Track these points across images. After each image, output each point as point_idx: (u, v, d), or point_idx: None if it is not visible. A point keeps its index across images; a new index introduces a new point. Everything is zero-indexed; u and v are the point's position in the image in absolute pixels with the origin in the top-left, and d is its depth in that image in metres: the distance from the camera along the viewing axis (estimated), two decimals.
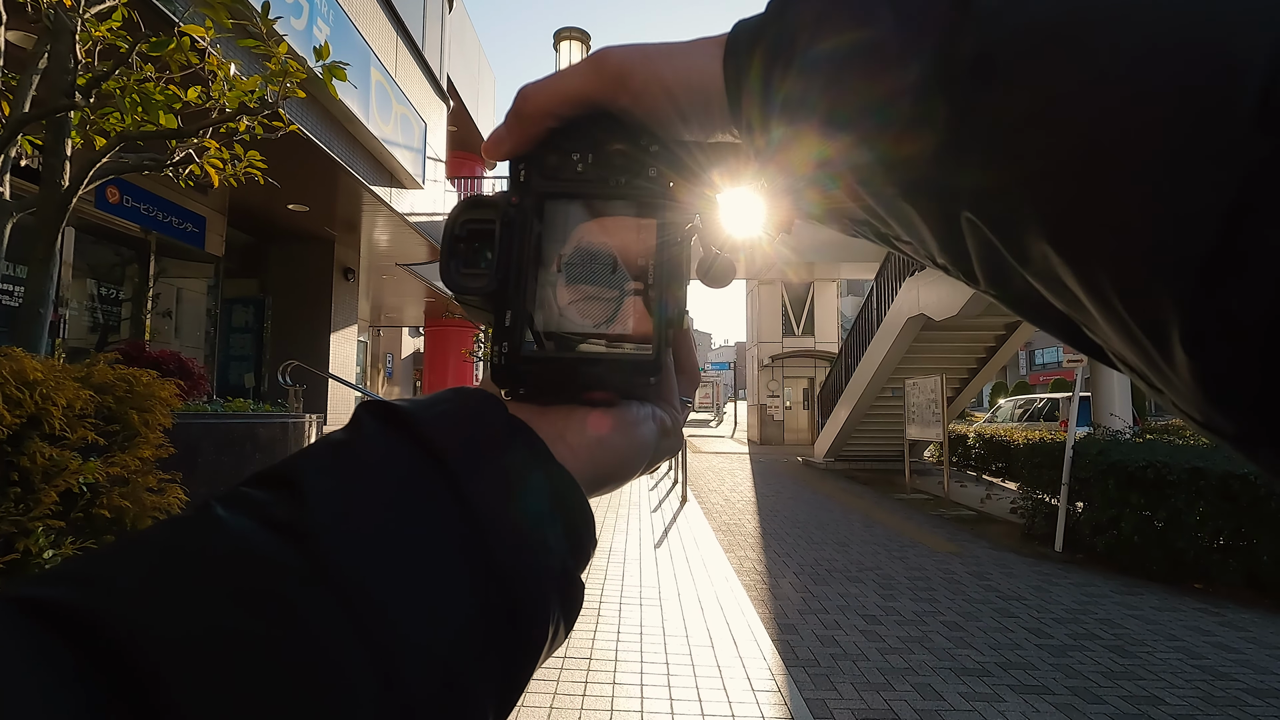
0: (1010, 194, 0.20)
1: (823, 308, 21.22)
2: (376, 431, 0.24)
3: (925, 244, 0.25)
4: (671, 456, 0.33)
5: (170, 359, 3.70)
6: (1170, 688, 3.42)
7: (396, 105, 7.77)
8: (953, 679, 3.48)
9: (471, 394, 0.27)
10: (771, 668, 3.42)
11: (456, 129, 14.33)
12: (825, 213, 0.28)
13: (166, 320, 7.96)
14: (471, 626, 0.21)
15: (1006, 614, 4.58)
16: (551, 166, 0.29)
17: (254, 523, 0.20)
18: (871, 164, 0.23)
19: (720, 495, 10.11)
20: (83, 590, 0.18)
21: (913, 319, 10.73)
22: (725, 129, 0.29)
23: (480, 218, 0.29)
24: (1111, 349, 0.21)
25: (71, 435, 1.43)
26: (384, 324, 20.50)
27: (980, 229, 0.22)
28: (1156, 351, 0.18)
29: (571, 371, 0.28)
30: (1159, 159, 0.16)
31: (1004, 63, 0.19)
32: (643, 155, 0.29)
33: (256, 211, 8.62)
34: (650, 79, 0.28)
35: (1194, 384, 0.18)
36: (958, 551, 6.51)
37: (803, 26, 0.25)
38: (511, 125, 0.29)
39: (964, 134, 0.20)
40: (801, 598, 4.86)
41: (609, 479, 0.29)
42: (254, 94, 2.50)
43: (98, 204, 6.41)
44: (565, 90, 0.29)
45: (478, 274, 0.29)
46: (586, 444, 0.28)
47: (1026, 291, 0.22)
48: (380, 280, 12.93)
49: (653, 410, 0.31)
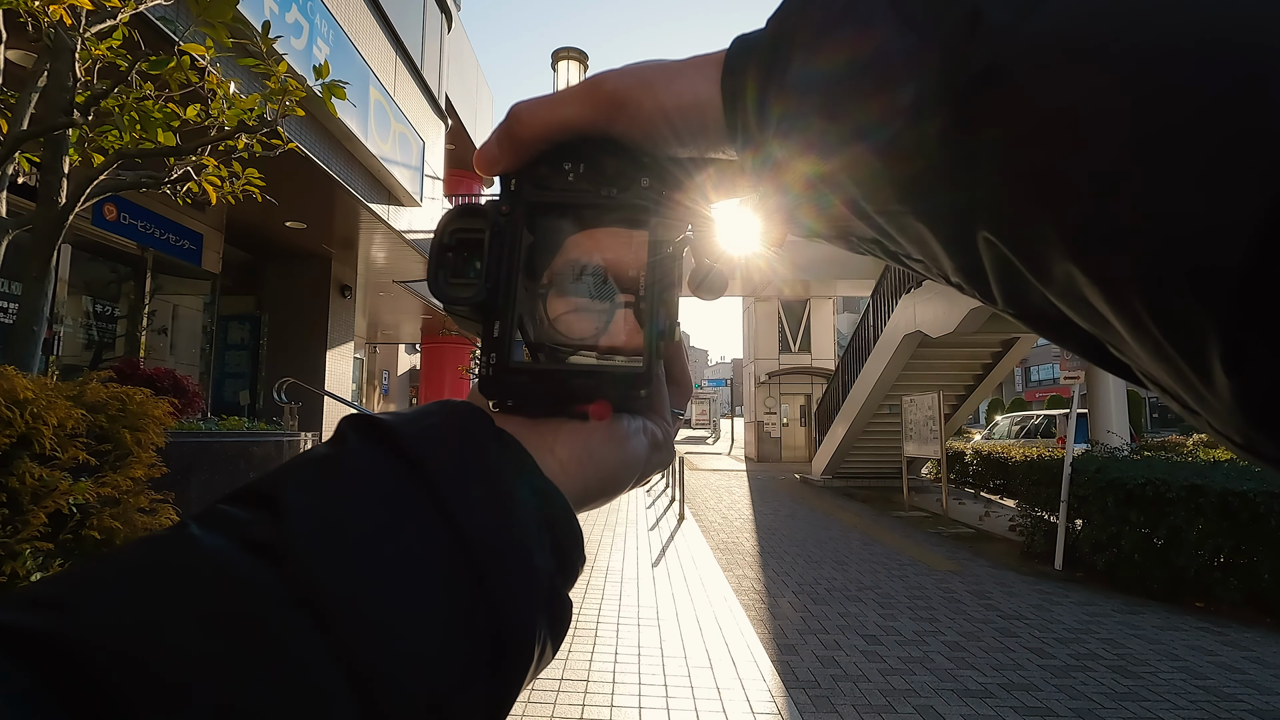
0: (1029, 211, 0.19)
1: (819, 324, 21.27)
2: (360, 446, 0.24)
3: (939, 262, 0.24)
4: (663, 469, 0.33)
5: (165, 376, 3.68)
6: (1174, 709, 3.38)
7: (395, 124, 7.82)
8: (955, 700, 3.43)
9: (458, 407, 0.26)
10: (771, 689, 3.37)
11: (455, 147, 14.42)
12: (827, 230, 0.28)
13: (162, 337, 7.93)
14: (457, 649, 0.21)
15: (1008, 633, 4.54)
16: (543, 176, 0.29)
17: (232, 543, 0.20)
18: (878, 182, 0.23)
19: (718, 513, 10.05)
20: (50, 614, 0.17)
21: (909, 336, 10.74)
22: (722, 147, 0.28)
23: (470, 227, 0.29)
24: (1141, 369, 0.20)
25: (62, 455, 1.40)
26: (380, 340, 20.48)
27: (998, 247, 0.21)
28: (1193, 372, 0.17)
29: (561, 384, 0.28)
30: (1191, 170, 0.16)
31: (1018, 75, 0.18)
32: (635, 167, 0.28)
33: (254, 228, 8.63)
34: (647, 105, 0.27)
35: (1234, 406, 0.17)
36: (957, 570, 6.47)
37: (801, 42, 0.24)
38: (504, 145, 0.29)
39: (977, 149, 0.20)
40: (801, 617, 4.81)
41: (599, 493, 0.29)
42: (253, 112, 2.50)
43: (95, 221, 6.41)
44: (559, 118, 0.28)
45: (466, 284, 0.28)
46: (576, 458, 0.28)
47: (1047, 310, 0.21)
48: (377, 297, 12.94)
49: (644, 423, 0.31)
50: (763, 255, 0.33)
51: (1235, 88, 0.15)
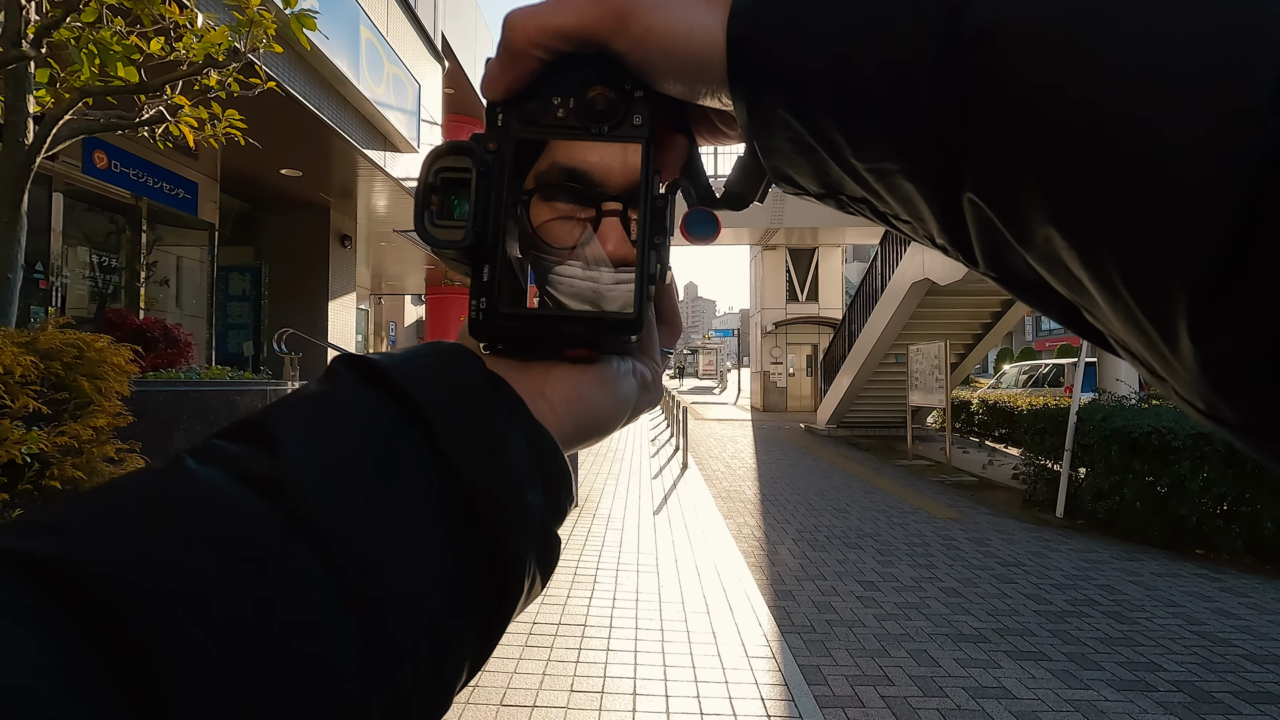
0: (1012, 174, 0.20)
1: (827, 273, 20.99)
2: (353, 384, 0.24)
3: (925, 223, 0.24)
4: (651, 408, 0.33)
5: (155, 326, 3.63)
6: (1168, 654, 3.41)
7: (388, 65, 7.56)
8: (949, 645, 3.46)
9: (450, 349, 0.27)
10: (767, 634, 3.41)
11: (454, 91, 14.05)
12: (817, 188, 0.27)
13: (164, 289, 7.89)
14: (451, 578, 0.22)
15: (1005, 580, 4.57)
16: (531, 112, 0.28)
17: (227, 476, 0.20)
18: (872, 138, 0.23)
19: (721, 462, 10.11)
20: (53, 538, 0.17)
21: (917, 284, 10.58)
22: (720, 92, 0.27)
23: (456, 165, 0.27)
24: (1113, 334, 0.21)
25: (13, 404, 1.36)
26: (385, 291, 20.44)
27: (982, 209, 0.21)
28: (1161, 338, 0.18)
29: (552, 329, 0.28)
30: (1174, 141, 0.16)
31: (1013, 36, 0.19)
32: (627, 100, 0.27)
33: (249, 177, 8.49)
34: (654, 25, 0.26)
35: (1199, 371, 0.17)
36: (958, 518, 6.50)
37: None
38: (504, 61, 0.27)
39: (966, 110, 0.20)
40: (799, 564, 4.85)
41: (589, 434, 0.29)
42: (221, 46, 2.37)
43: (85, 169, 6.29)
44: (558, 23, 0.26)
45: (453, 226, 0.27)
46: (566, 400, 0.28)
47: (1027, 274, 0.22)
48: (379, 247, 12.82)
49: (633, 365, 0.31)
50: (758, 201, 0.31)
51: (1230, 64, 0.16)
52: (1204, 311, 0.16)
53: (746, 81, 0.25)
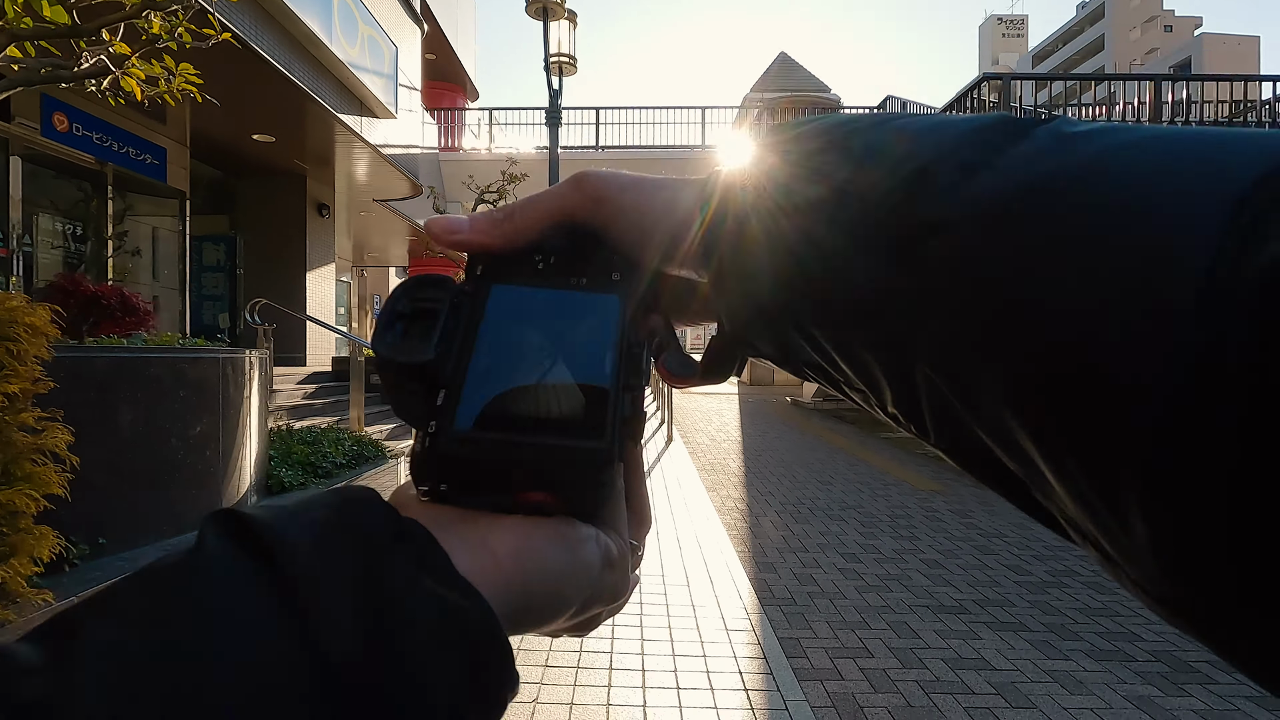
0: (969, 357, 0.20)
1: None
2: (215, 546, 0.19)
3: (880, 393, 0.24)
4: (614, 602, 0.27)
5: (112, 293, 3.48)
6: (1147, 624, 3.41)
7: (363, 26, 7.29)
8: (930, 616, 3.45)
9: (356, 494, 0.22)
10: (747, 606, 3.38)
11: (435, 57, 13.68)
12: (776, 353, 0.28)
13: (135, 259, 7.66)
14: None
15: (987, 551, 4.57)
16: (509, 265, 0.29)
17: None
18: (832, 309, 0.24)
19: (706, 435, 10.10)
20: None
21: None
22: (696, 267, 0.28)
23: (428, 296, 0.28)
24: (1064, 514, 0.21)
25: None
26: (368, 264, 20.14)
27: (935, 383, 0.22)
28: (1112, 518, 0.18)
29: (507, 459, 0.25)
30: (1110, 333, 0.17)
31: (961, 231, 0.20)
32: (608, 263, 0.29)
33: (221, 144, 8.22)
34: (626, 205, 0.28)
35: (1150, 552, 0.17)
36: (941, 489, 6.51)
37: (770, 178, 0.25)
38: (500, 225, 0.29)
39: (924, 293, 0.21)
40: (782, 536, 4.83)
41: (541, 601, 0.24)
42: None
43: (44, 132, 6.05)
44: (546, 207, 0.29)
45: (415, 346, 0.26)
46: (514, 552, 0.23)
47: (978, 448, 0.22)
48: (360, 218, 12.56)
49: (597, 533, 0.26)
50: None
51: (1157, 267, 0.16)
52: (1152, 492, 0.16)
53: (711, 253, 0.27)
